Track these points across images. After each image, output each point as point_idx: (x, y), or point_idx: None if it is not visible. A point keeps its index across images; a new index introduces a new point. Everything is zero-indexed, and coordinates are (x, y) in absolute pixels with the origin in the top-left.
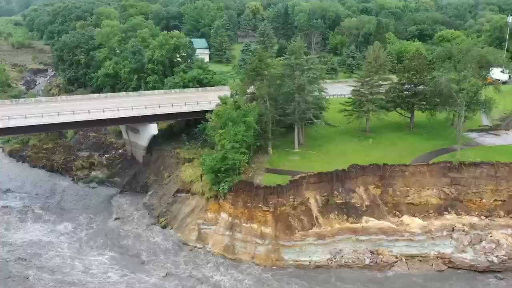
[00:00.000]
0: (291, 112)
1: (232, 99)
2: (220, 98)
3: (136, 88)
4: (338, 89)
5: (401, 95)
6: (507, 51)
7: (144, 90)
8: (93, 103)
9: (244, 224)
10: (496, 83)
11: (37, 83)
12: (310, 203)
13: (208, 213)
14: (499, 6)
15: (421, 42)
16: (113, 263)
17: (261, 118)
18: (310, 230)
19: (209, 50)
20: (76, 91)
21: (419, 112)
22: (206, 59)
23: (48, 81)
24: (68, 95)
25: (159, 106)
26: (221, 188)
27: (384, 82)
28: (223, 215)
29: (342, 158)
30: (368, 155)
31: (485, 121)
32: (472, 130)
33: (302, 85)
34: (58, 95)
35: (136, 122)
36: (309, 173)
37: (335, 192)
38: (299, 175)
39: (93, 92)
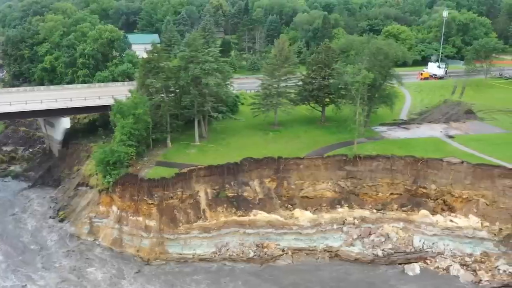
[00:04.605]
0: (189, 105)
1: (139, 92)
2: (130, 91)
3: (70, 82)
4: None
5: (308, 88)
6: (453, 46)
7: (76, 84)
8: (4, 96)
9: (131, 217)
10: (398, 77)
11: None
12: (199, 196)
13: (100, 207)
14: (457, 2)
15: None
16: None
17: (156, 111)
18: (194, 223)
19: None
20: (21, 86)
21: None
22: None
23: (2, 76)
24: None
25: (71, 100)
26: (106, 181)
27: (292, 76)
28: (114, 208)
29: (241, 151)
30: (266, 148)
31: (403, 115)
32: (384, 124)
33: (198, 78)
34: None
35: (46, 115)
36: (199, 166)
37: (227, 185)
38: (187, 168)
39: None
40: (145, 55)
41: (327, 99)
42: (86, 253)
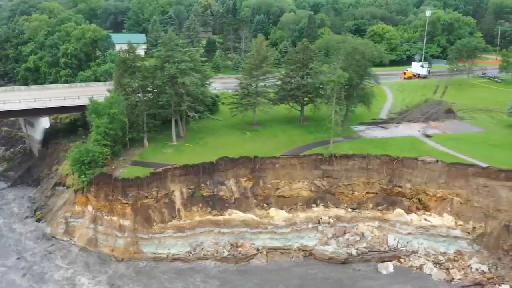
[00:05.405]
0: (166, 105)
1: (117, 91)
2: (109, 91)
3: (53, 82)
4: None
5: (286, 88)
6: (438, 45)
7: (58, 84)
8: None
9: (106, 217)
10: (375, 76)
11: None
12: (174, 195)
13: (76, 206)
14: (444, 2)
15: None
16: None
17: (133, 110)
18: (169, 223)
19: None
20: (6, 85)
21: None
22: (142, 54)
23: None
24: None
25: (50, 100)
26: (81, 180)
27: (270, 75)
28: (89, 208)
29: (217, 151)
30: (244, 147)
31: (383, 114)
32: (362, 123)
33: (175, 77)
34: None
35: (24, 115)
36: (174, 166)
37: (202, 184)
38: (162, 168)
39: None
40: None
41: (306, 99)
42: (61, 253)
